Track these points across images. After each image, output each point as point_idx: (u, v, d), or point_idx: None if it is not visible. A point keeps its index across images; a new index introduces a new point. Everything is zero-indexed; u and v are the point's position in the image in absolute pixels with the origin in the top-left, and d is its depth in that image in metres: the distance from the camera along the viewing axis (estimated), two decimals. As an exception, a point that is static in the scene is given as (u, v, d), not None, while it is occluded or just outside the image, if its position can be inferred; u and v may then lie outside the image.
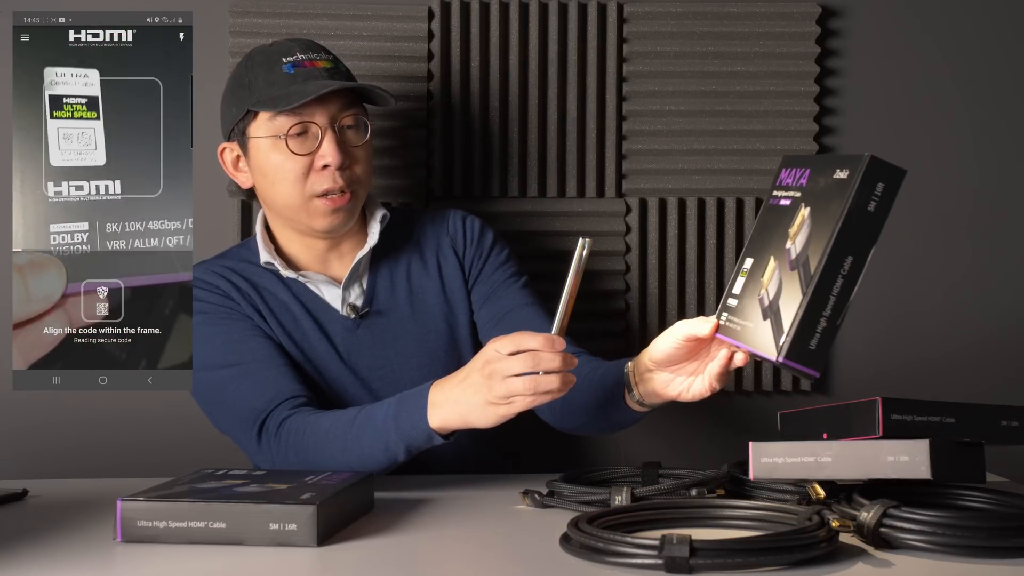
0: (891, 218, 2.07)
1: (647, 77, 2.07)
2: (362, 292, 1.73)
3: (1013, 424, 1.34)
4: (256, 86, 1.63)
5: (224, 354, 1.62)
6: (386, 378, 1.71)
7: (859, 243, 1.25)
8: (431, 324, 1.75)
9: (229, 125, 1.68)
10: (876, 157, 1.25)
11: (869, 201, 1.24)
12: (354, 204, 1.67)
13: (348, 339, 1.70)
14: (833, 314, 1.24)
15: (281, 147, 1.62)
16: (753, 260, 1.40)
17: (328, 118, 1.63)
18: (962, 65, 2.12)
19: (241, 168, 1.70)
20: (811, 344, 1.25)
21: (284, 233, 1.72)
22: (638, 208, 2.08)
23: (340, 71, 1.68)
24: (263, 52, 1.67)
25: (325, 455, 1.50)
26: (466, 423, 1.42)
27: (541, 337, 1.35)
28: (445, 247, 1.78)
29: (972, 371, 2.12)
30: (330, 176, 1.63)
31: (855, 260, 1.24)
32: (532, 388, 1.35)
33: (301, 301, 1.70)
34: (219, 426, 1.66)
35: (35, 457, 2.01)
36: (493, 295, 1.76)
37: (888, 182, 1.25)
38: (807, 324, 1.24)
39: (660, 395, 1.51)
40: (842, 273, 1.24)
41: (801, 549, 1.12)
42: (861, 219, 1.24)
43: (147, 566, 1.17)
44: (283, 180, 1.64)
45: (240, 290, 1.68)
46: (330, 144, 1.62)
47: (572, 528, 1.19)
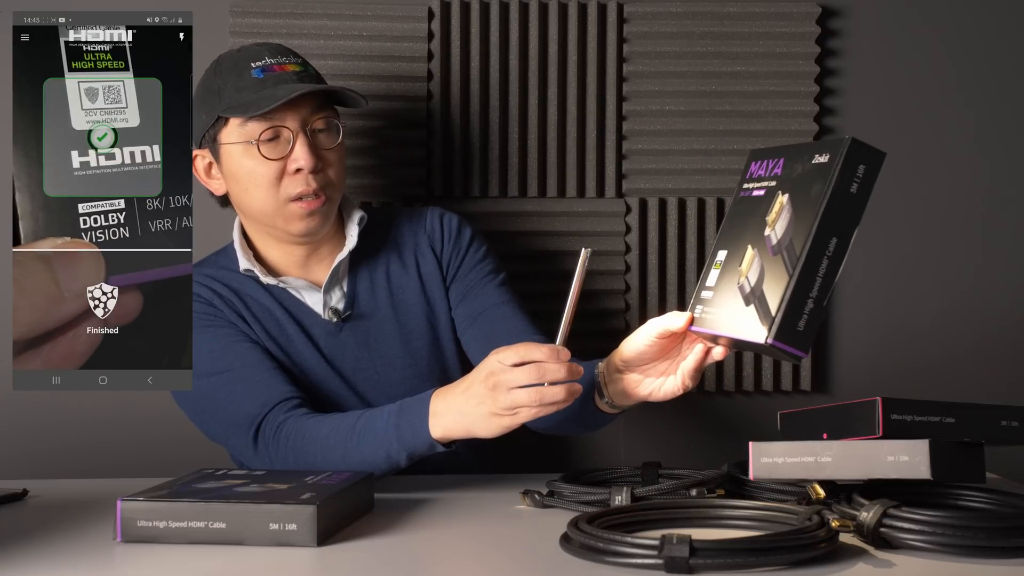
0: (891, 218, 2.10)
1: (647, 77, 2.07)
2: (343, 295, 1.72)
3: (1013, 424, 1.34)
4: (225, 92, 1.62)
5: (212, 361, 1.61)
6: (371, 379, 1.71)
7: (843, 224, 1.26)
8: (413, 324, 1.74)
9: (200, 132, 1.66)
10: (857, 139, 1.27)
11: (851, 183, 1.26)
12: (328, 207, 1.66)
13: (331, 343, 1.70)
14: (820, 295, 1.25)
15: (253, 152, 1.61)
16: (727, 251, 1.40)
17: (299, 122, 1.61)
18: (962, 65, 2.12)
19: (214, 175, 1.68)
20: (799, 325, 1.25)
21: (262, 239, 1.71)
22: (638, 208, 2.08)
23: (310, 74, 1.66)
24: (231, 58, 1.65)
25: (326, 461, 1.50)
26: (469, 433, 1.42)
27: (546, 348, 1.35)
28: (423, 246, 1.78)
29: (972, 371, 2.12)
30: (303, 180, 1.62)
31: (839, 241, 1.25)
32: (537, 399, 1.34)
33: (283, 306, 1.69)
34: (210, 434, 1.66)
35: (35, 457, 2.01)
36: (470, 293, 1.76)
37: (869, 164, 1.27)
38: (795, 305, 1.25)
39: (630, 395, 1.50)
40: (827, 254, 1.25)
41: (801, 549, 1.12)
42: (844, 200, 1.25)
43: (147, 566, 1.17)
44: (256, 186, 1.62)
45: (222, 297, 1.67)
46: (302, 148, 1.61)
47: (572, 528, 1.19)
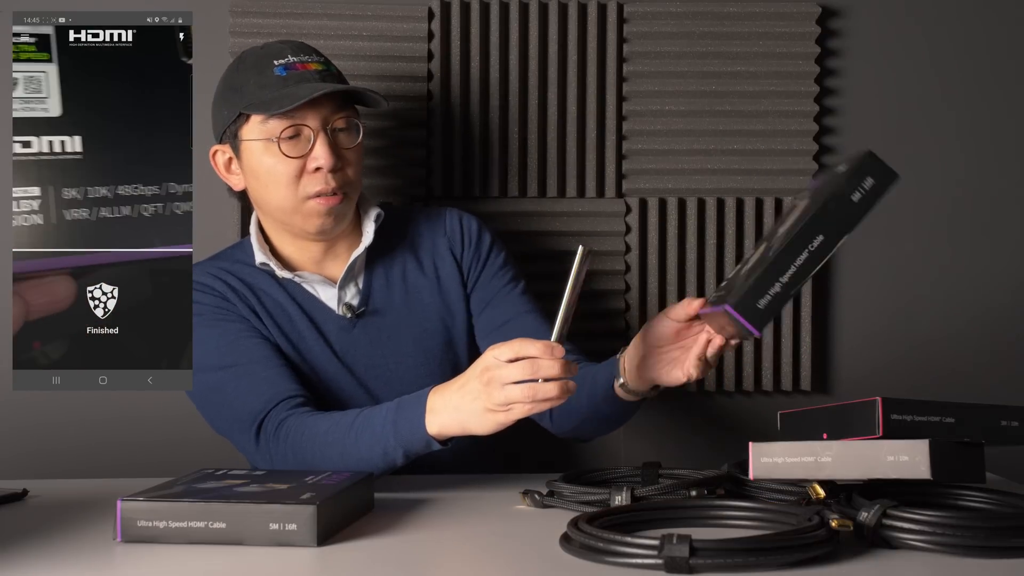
0: (891, 217, 2.10)
1: (647, 77, 2.07)
2: (358, 291, 1.73)
3: (1013, 424, 1.34)
4: (247, 89, 1.63)
5: (220, 355, 1.62)
6: (382, 377, 1.71)
7: (834, 226, 1.27)
8: (427, 323, 1.75)
9: (221, 128, 1.68)
10: (874, 153, 1.28)
11: (855, 191, 1.26)
12: (346, 205, 1.67)
13: (344, 339, 1.70)
14: (790, 282, 1.26)
15: (273, 150, 1.62)
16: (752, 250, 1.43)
17: (320, 121, 1.62)
18: (962, 65, 2.12)
19: (233, 170, 1.70)
20: (759, 303, 1.27)
21: (278, 235, 1.72)
22: (638, 208, 2.08)
23: (332, 73, 1.67)
24: (254, 54, 1.66)
25: (324, 458, 1.50)
26: (465, 430, 1.42)
27: (540, 344, 1.35)
28: (442, 247, 1.78)
29: (972, 371, 2.12)
30: (322, 178, 1.63)
31: (825, 240, 1.26)
32: (531, 396, 1.34)
33: (297, 301, 1.70)
34: (217, 427, 1.66)
35: (35, 457, 2.01)
36: (492, 301, 1.77)
37: (878, 179, 1.27)
38: (762, 283, 1.26)
39: (643, 377, 1.52)
40: (809, 248, 1.26)
41: (801, 549, 1.12)
42: (841, 204, 1.26)
43: (147, 566, 1.17)
44: (275, 183, 1.64)
45: (236, 291, 1.68)
46: (322, 147, 1.62)
47: (572, 528, 1.19)
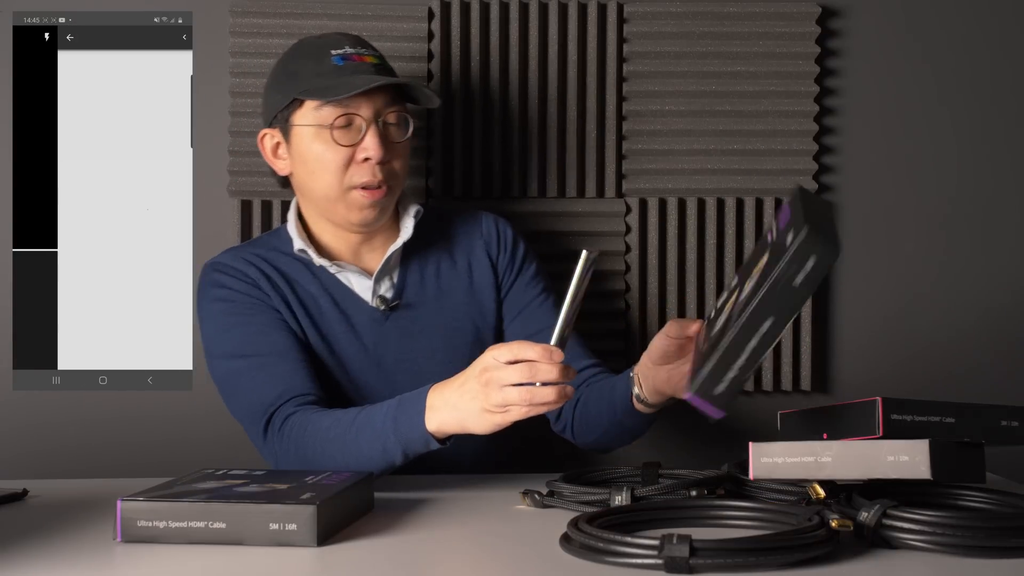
0: (891, 218, 2.10)
1: (647, 77, 2.07)
2: (392, 285, 1.75)
3: (1013, 424, 1.34)
4: (303, 75, 1.66)
5: (243, 344, 1.64)
6: (411, 371, 1.72)
7: (780, 309, 1.24)
8: (457, 322, 1.76)
9: (272, 112, 1.70)
10: (813, 229, 1.20)
11: (796, 275, 1.22)
12: (389, 199, 1.70)
13: (375, 331, 1.72)
14: (746, 365, 1.26)
15: (325, 137, 1.65)
16: (736, 282, 1.41)
17: (373, 112, 1.65)
18: (962, 65, 2.12)
19: (280, 155, 1.73)
20: (717, 390, 1.28)
21: (318, 223, 1.74)
22: (638, 208, 2.08)
23: (386, 68, 1.71)
24: (312, 43, 1.70)
25: (324, 454, 1.50)
26: (463, 428, 1.42)
27: (539, 348, 1.35)
28: (478, 249, 1.81)
29: (972, 371, 2.12)
30: (369, 169, 1.65)
31: (774, 322, 1.25)
32: (528, 399, 1.34)
33: (329, 293, 1.71)
34: (233, 413, 1.68)
35: (35, 457, 2.01)
36: (524, 311, 1.79)
37: (820, 258, 1.21)
38: (718, 371, 1.27)
39: (657, 390, 1.56)
40: (760, 333, 1.25)
41: (801, 549, 1.12)
42: (785, 290, 1.23)
43: (147, 566, 1.17)
44: (323, 170, 1.66)
45: (269, 278, 1.70)
46: (373, 138, 1.64)
47: (572, 528, 1.19)
